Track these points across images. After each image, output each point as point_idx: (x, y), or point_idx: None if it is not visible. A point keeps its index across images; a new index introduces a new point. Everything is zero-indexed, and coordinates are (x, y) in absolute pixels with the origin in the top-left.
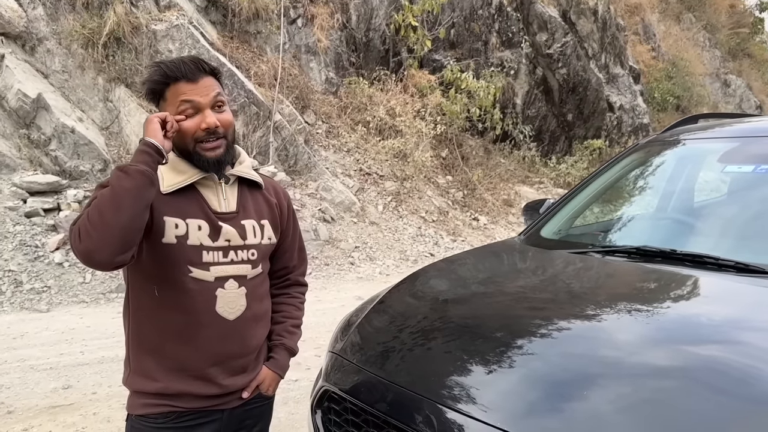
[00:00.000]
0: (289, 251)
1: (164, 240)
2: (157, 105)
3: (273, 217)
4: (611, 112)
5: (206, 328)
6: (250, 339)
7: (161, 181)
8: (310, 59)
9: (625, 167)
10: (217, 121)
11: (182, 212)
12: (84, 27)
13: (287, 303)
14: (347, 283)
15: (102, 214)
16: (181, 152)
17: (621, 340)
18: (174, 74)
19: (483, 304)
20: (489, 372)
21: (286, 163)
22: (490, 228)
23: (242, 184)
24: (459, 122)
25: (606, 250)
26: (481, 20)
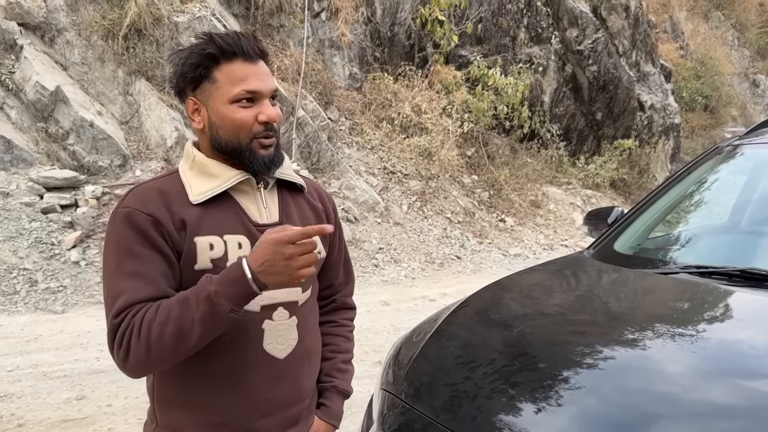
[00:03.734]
0: (335, 266)
1: (197, 266)
2: (196, 87)
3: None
4: (642, 112)
5: (253, 371)
6: (304, 380)
7: (188, 189)
8: (333, 54)
9: (704, 174)
10: (276, 114)
11: (218, 227)
12: (104, 18)
13: (335, 334)
14: (372, 286)
15: (162, 341)
16: (224, 149)
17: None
18: (231, 49)
19: (565, 337)
20: (537, 412)
21: (309, 161)
22: (517, 230)
23: (282, 189)
24: (485, 120)
25: (701, 271)
26: (509, 15)
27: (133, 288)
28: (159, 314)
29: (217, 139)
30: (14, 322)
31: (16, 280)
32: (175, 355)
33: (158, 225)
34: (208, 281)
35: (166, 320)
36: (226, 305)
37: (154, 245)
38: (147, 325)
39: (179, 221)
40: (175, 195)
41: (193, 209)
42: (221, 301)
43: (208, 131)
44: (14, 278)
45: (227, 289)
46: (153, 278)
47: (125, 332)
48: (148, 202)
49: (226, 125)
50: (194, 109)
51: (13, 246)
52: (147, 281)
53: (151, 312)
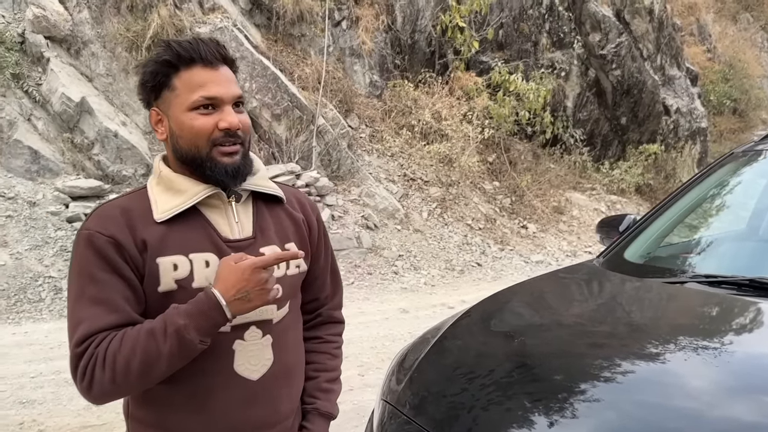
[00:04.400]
0: (321, 278)
1: (161, 288)
2: (157, 97)
3: (301, 237)
4: (667, 116)
5: (222, 393)
6: (283, 401)
7: (153, 206)
8: (354, 62)
9: (721, 179)
10: (239, 120)
11: (183, 246)
12: (128, 30)
13: (319, 351)
14: (391, 293)
15: (128, 373)
16: (186, 159)
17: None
18: (189, 55)
19: (567, 348)
20: (550, 426)
21: (329, 168)
22: (539, 236)
23: (258, 201)
24: (507, 126)
25: (710, 280)
26: (530, 20)
27: (96, 315)
28: (124, 345)
29: (178, 149)
30: (39, 329)
31: (41, 288)
32: (142, 384)
33: (119, 247)
34: (176, 313)
35: (132, 352)
36: (196, 338)
37: (116, 269)
38: (112, 355)
39: (141, 242)
40: (140, 213)
41: (156, 228)
42: (191, 334)
43: (170, 142)
44: (39, 286)
45: (197, 321)
46: (115, 304)
47: (89, 362)
48: (109, 224)
49: (185, 134)
50: (157, 120)
51: (39, 254)
52: (109, 308)
53: (116, 342)
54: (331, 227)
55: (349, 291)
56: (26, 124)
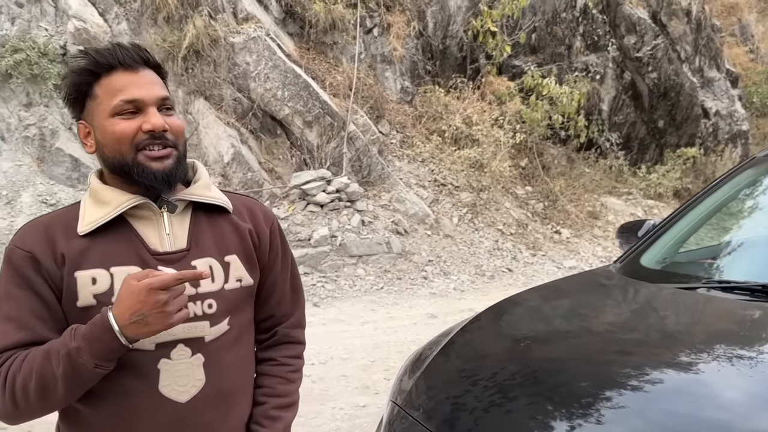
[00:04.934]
0: (277, 293)
1: (80, 303)
2: (83, 108)
3: (246, 249)
4: (706, 119)
5: (147, 416)
6: (217, 427)
7: (80, 219)
8: (385, 68)
9: (741, 184)
10: (164, 122)
11: (104, 259)
12: (165, 41)
13: (271, 374)
14: (420, 298)
15: (26, 395)
16: (114, 168)
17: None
18: (107, 61)
19: (572, 351)
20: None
21: (360, 174)
22: (573, 242)
23: (198, 211)
24: (540, 130)
25: (722, 285)
26: (564, 24)
27: (5, 333)
28: (24, 366)
29: (106, 159)
30: None
31: None
32: (45, 407)
33: (35, 263)
34: (71, 336)
35: (29, 374)
36: (90, 362)
37: (30, 285)
38: (12, 377)
39: (60, 255)
40: (63, 227)
41: (78, 241)
42: (84, 358)
43: (98, 153)
44: None
45: (93, 345)
46: (25, 322)
47: None
48: (29, 239)
49: (108, 141)
50: (86, 133)
51: None
52: (18, 325)
53: (17, 363)
54: (361, 233)
55: (378, 296)
56: (67, 133)
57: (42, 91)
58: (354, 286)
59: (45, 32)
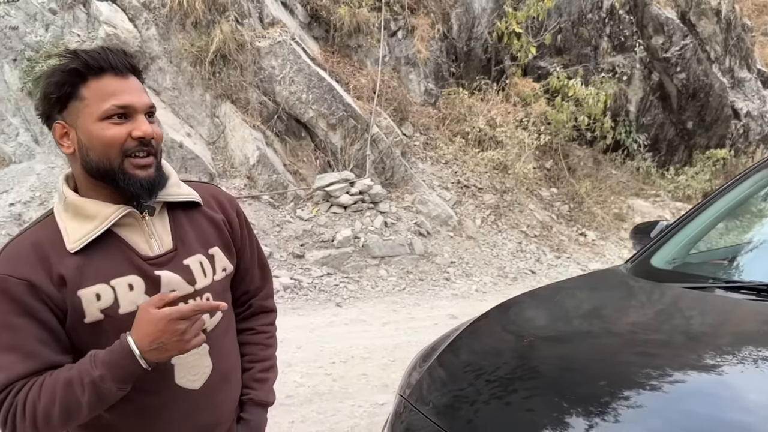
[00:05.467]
0: (249, 271)
1: (87, 320)
2: (63, 108)
3: (223, 238)
4: (737, 119)
5: (168, 408)
6: (225, 404)
7: (65, 236)
8: (409, 71)
9: (755, 185)
10: (153, 130)
11: (103, 274)
12: (193, 45)
13: (252, 342)
14: (441, 300)
15: (49, 421)
16: (96, 173)
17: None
18: (98, 64)
19: (579, 347)
20: (588, 430)
21: (383, 176)
22: (599, 244)
23: (173, 209)
24: (565, 131)
25: (729, 285)
26: (590, 24)
27: (12, 364)
28: (43, 394)
29: (89, 163)
30: None
31: None
32: (66, 427)
33: (33, 289)
34: (92, 363)
35: (51, 402)
36: (113, 387)
37: (30, 313)
38: (32, 405)
39: (58, 277)
40: (51, 245)
41: (71, 259)
42: (107, 384)
43: (79, 155)
44: None
45: (114, 371)
46: (31, 350)
47: (8, 412)
48: (20, 264)
49: (96, 145)
50: (62, 133)
51: None
52: (25, 355)
53: (35, 391)
54: (383, 234)
55: (399, 297)
56: None
57: None
58: (376, 286)
59: (77, 38)
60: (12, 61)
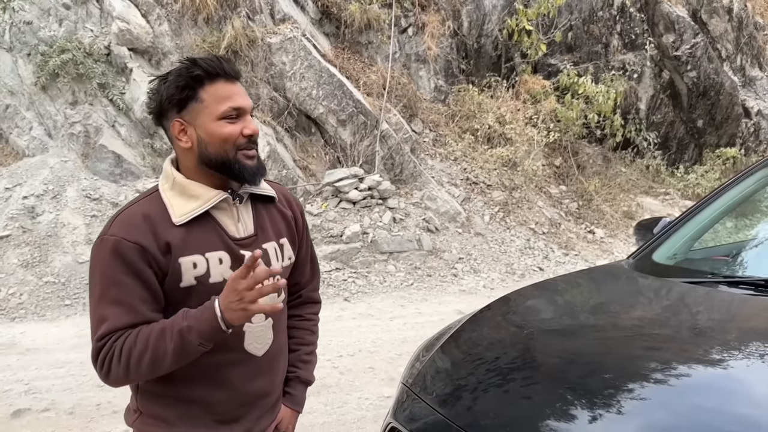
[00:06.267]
0: (303, 265)
1: (183, 284)
2: (182, 109)
3: (291, 232)
4: (747, 118)
5: (236, 368)
6: (278, 373)
7: (170, 210)
8: (419, 67)
9: (758, 182)
10: (257, 128)
11: (200, 247)
12: (204, 41)
13: (300, 327)
14: (449, 295)
15: (139, 366)
16: (213, 164)
17: (758, 394)
18: (215, 70)
19: (578, 339)
20: (591, 422)
21: (392, 172)
22: (607, 242)
23: (255, 201)
24: (575, 129)
25: (729, 280)
26: (601, 22)
27: (116, 315)
28: (138, 342)
29: (207, 155)
30: None
31: None
32: (151, 376)
33: (144, 252)
34: (183, 316)
35: (144, 349)
36: (196, 340)
37: (138, 273)
38: (127, 351)
39: (164, 244)
40: (159, 217)
41: (176, 230)
42: (192, 336)
43: (197, 149)
44: None
45: (200, 326)
46: (133, 306)
47: (107, 355)
48: (134, 230)
49: (215, 140)
50: (180, 130)
51: None
52: (128, 309)
53: (131, 339)
54: (392, 230)
55: (407, 292)
56: (110, 131)
57: (87, 89)
58: (384, 282)
59: (90, 33)
60: (26, 56)
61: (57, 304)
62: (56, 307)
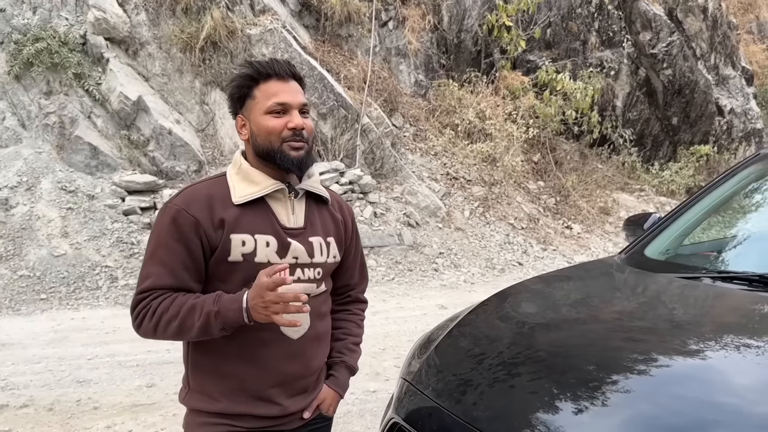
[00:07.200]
0: (351, 269)
1: (230, 258)
2: (242, 106)
3: (338, 234)
4: (721, 116)
5: (270, 348)
6: (312, 359)
7: (232, 191)
8: (400, 62)
9: (745, 179)
10: (303, 122)
11: (251, 227)
12: (183, 32)
13: (348, 320)
14: (430, 290)
15: (166, 329)
16: (263, 154)
17: (742, 385)
18: (266, 71)
19: (577, 334)
20: (585, 413)
21: (372, 167)
22: (584, 237)
23: (309, 199)
24: (553, 125)
25: (722, 275)
26: (579, 19)
27: (159, 275)
28: (172, 308)
29: (257, 146)
30: (96, 315)
31: (98, 277)
32: (176, 339)
33: (197, 226)
34: (215, 300)
35: (174, 316)
36: (219, 325)
37: (187, 243)
38: (160, 312)
39: (219, 221)
40: (220, 197)
41: (233, 209)
42: (216, 321)
43: (251, 141)
44: (97, 275)
45: (226, 313)
46: (176, 271)
47: (143, 309)
48: (194, 205)
49: (262, 132)
50: (242, 125)
51: (97, 245)
52: (170, 272)
53: (166, 303)
54: (373, 224)
55: (389, 287)
56: (86, 122)
57: (62, 79)
58: None
59: (65, 22)
60: None
61: (32, 298)
62: (31, 302)
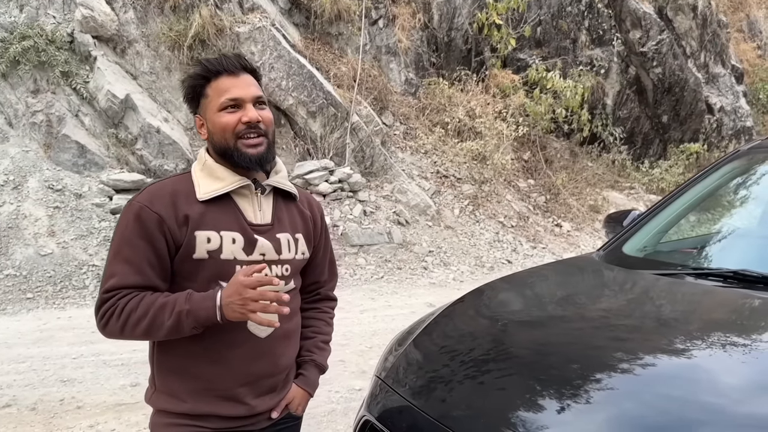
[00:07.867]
0: (321, 266)
1: (195, 256)
2: (197, 105)
3: (307, 231)
4: (710, 114)
5: (237, 347)
6: (281, 357)
7: (197, 188)
8: (390, 60)
9: (724, 176)
10: (258, 115)
11: (216, 224)
12: (171, 30)
13: (317, 318)
14: (419, 288)
15: (135, 329)
16: (221, 152)
17: (723, 383)
18: (215, 68)
19: (551, 330)
20: (560, 412)
21: (362, 165)
22: (574, 235)
23: (277, 196)
24: (543, 123)
25: (698, 272)
26: (569, 17)
27: (124, 273)
28: (140, 307)
29: (215, 144)
30: (82, 315)
31: (85, 276)
32: (144, 339)
33: (161, 223)
34: (186, 298)
35: (144, 315)
36: (190, 324)
37: (151, 240)
38: (128, 312)
39: (183, 217)
40: (184, 194)
41: (197, 206)
42: (188, 320)
43: (210, 140)
44: (84, 274)
45: (198, 312)
46: (142, 268)
47: (108, 309)
48: (157, 202)
49: (217, 130)
50: (200, 124)
51: (84, 244)
52: (136, 270)
53: (134, 302)
54: (362, 222)
55: (378, 285)
56: (74, 120)
57: (49, 78)
58: (354, 275)
59: (53, 20)
60: None
61: (18, 297)
62: (17, 301)
